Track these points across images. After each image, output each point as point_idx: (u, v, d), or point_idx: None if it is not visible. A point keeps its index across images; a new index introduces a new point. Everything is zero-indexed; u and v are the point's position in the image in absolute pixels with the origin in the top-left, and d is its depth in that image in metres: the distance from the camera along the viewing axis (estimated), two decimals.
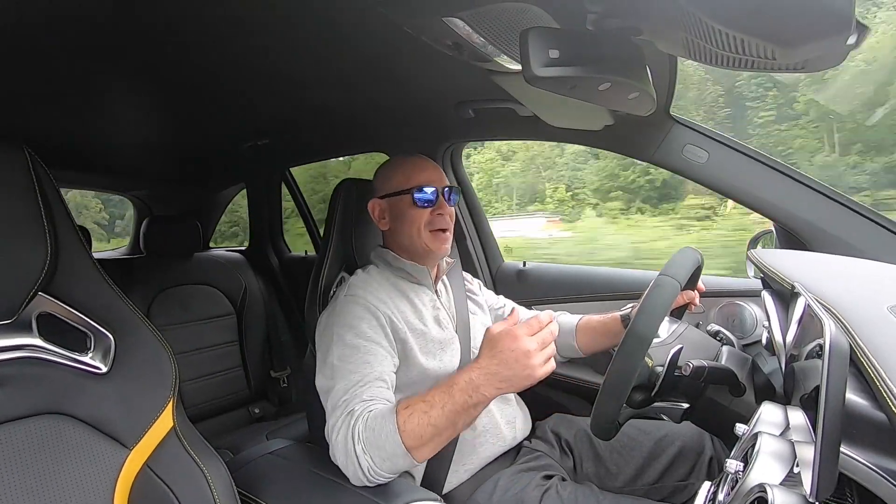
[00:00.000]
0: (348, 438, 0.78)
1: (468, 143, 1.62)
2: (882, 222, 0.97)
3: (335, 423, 0.82)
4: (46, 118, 1.27)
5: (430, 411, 0.77)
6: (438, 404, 0.77)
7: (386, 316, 0.93)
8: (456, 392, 0.77)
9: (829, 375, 0.44)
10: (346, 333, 0.89)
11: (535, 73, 0.56)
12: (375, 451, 0.77)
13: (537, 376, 0.74)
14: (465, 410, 0.76)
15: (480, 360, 0.77)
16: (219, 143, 1.74)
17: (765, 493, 0.46)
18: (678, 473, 1.01)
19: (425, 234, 1.00)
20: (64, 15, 0.74)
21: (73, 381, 0.65)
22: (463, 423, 0.78)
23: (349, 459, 0.78)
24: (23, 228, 0.63)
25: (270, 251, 2.34)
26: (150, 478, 0.67)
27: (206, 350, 1.89)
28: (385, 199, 1.03)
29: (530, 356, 0.73)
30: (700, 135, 1.10)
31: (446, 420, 0.76)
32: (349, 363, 0.86)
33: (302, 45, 0.89)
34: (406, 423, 0.77)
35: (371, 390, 0.83)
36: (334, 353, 0.88)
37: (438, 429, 0.77)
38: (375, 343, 0.90)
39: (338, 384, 0.85)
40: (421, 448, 0.77)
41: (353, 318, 0.91)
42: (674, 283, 0.78)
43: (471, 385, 0.76)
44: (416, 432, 0.76)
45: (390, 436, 0.76)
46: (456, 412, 0.76)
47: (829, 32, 0.47)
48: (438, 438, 0.78)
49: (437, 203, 1.01)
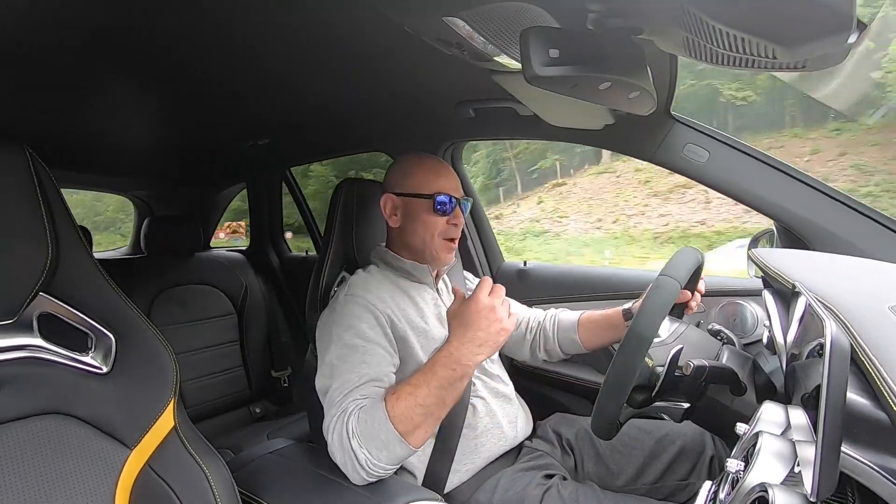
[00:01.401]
0: (343, 435, 0.79)
1: (469, 142, 1.62)
2: (884, 221, 0.96)
3: (330, 422, 0.82)
4: (47, 118, 1.27)
5: (416, 392, 0.78)
6: (423, 384, 0.79)
7: (386, 315, 0.93)
8: (438, 368, 0.79)
9: (830, 375, 0.44)
10: (345, 333, 0.89)
11: (535, 72, 0.56)
12: (370, 441, 0.77)
13: (509, 328, 0.80)
14: (450, 385, 0.79)
15: (452, 334, 0.81)
16: (219, 143, 1.74)
17: (766, 492, 0.46)
18: (679, 473, 1.01)
19: (437, 241, 1.01)
20: (64, 15, 0.74)
21: (74, 381, 0.65)
22: (451, 399, 0.80)
23: (346, 456, 0.78)
24: (23, 228, 0.63)
25: (271, 251, 2.34)
26: (152, 477, 0.67)
27: (206, 350, 1.90)
28: (400, 197, 1.02)
29: (495, 310, 0.79)
30: (701, 134, 1.10)
31: (434, 398, 0.78)
32: (347, 363, 0.86)
33: (302, 44, 0.89)
34: (395, 407, 0.78)
35: (365, 390, 0.83)
36: (333, 352, 0.88)
37: (428, 408, 0.78)
38: (374, 343, 0.90)
39: (334, 384, 0.85)
40: (414, 431, 0.78)
41: (353, 318, 0.91)
42: (674, 284, 0.78)
43: (451, 358, 0.79)
44: (406, 415, 0.77)
45: (382, 423, 0.77)
46: (442, 387, 0.78)
47: (830, 31, 0.47)
48: (430, 419, 0.79)
49: (452, 213, 1.01)
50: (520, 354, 1.25)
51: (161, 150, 1.80)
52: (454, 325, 0.81)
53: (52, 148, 1.53)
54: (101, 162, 1.88)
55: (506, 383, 1.11)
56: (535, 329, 1.21)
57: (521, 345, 1.23)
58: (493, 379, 1.08)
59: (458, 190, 1.03)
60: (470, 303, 0.80)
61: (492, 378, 1.08)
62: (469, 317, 0.79)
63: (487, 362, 1.10)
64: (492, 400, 1.05)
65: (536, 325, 1.22)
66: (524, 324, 1.23)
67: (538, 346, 1.21)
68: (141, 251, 1.95)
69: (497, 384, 1.08)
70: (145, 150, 1.78)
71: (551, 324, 1.20)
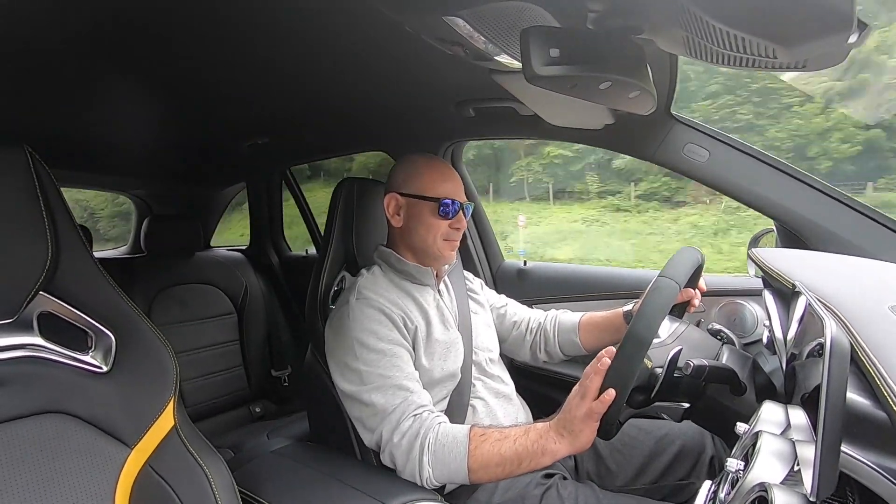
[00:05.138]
0: (415, 445, 0.84)
1: (469, 141, 1.62)
2: (884, 221, 0.96)
3: (395, 428, 0.86)
4: (47, 117, 1.27)
5: (504, 442, 0.82)
6: (512, 437, 0.82)
7: (399, 316, 0.95)
8: (532, 431, 0.82)
9: (830, 374, 0.44)
10: (368, 338, 0.91)
11: (535, 71, 0.56)
12: (440, 465, 0.82)
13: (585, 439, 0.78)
14: (533, 454, 0.80)
15: (563, 416, 0.81)
16: (219, 142, 1.74)
17: (765, 492, 0.46)
18: (679, 472, 1.01)
19: (440, 243, 1.02)
20: (64, 13, 0.74)
21: (74, 380, 0.65)
22: (526, 467, 0.81)
23: (410, 463, 0.84)
24: (23, 227, 0.63)
25: (271, 250, 2.34)
26: (152, 477, 0.67)
27: (206, 349, 1.90)
28: (405, 198, 1.03)
29: (594, 418, 0.76)
30: (701, 134, 1.10)
31: (514, 454, 0.81)
32: (379, 367, 0.89)
33: (302, 43, 0.89)
34: (477, 448, 0.82)
35: (420, 396, 0.89)
36: (360, 358, 0.90)
37: (504, 460, 0.81)
38: (397, 345, 0.92)
39: (374, 390, 0.88)
40: (480, 472, 0.82)
41: (371, 322, 0.93)
42: (672, 285, 0.78)
43: (545, 429, 0.81)
44: (484, 458, 0.81)
45: (459, 457, 0.82)
46: (526, 450, 0.80)
47: (831, 31, 0.47)
48: (499, 469, 0.82)
49: (456, 217, 1.02)
50: (520, 355, 1.25)
51: (161, 149, 1.80)
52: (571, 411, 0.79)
53: (52, 147, 1.52)
54: (101, 161, 1.88)
55: (506, 383, 1.11)
56: (535, 330, 1.22)
57: (521, 346, 1.23)
58: (494, 379, 1.08)
59: (462, 194, 1.04)
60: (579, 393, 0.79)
61: (492, 378, 1.08)
62: (570, 403, 0.80)
63: (488, 363, 1.10)
64: (492, 400, 1.05)
65: (537, 327, 1.22)
66: (524, 325, 1.23)
67: (538, 348, 1.21)
68: (141, 250, 1.94)
69: (497, 384, 1.08)
70: (145, 150, 1.78)
71: (552, 325, 1.20)
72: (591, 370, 0.78)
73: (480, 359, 1.08)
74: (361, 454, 1.00)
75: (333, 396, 0.99)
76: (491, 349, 1.14)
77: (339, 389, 0.94)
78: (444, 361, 0.98)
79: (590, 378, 0.77)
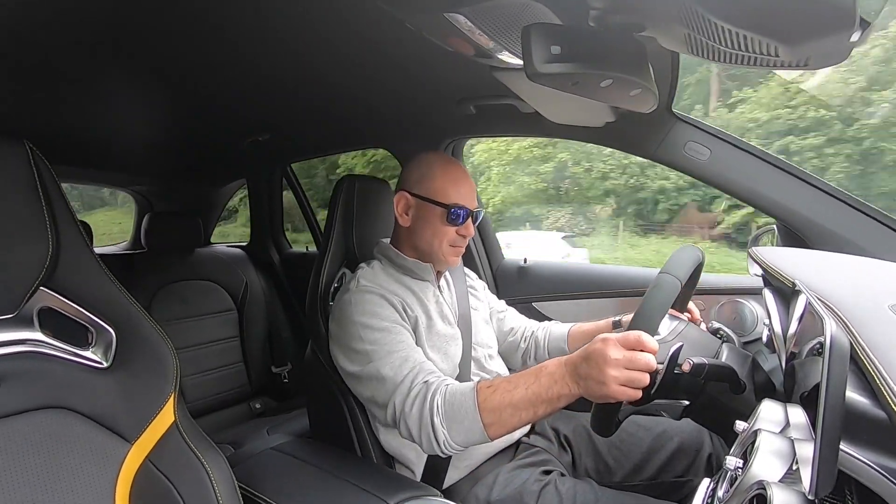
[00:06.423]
0: (424, 410, 0.81)
1: (470, 139, 1.62)
2: (884, 220, 0.96)
3: (406, 396, 0.84)
4: (48, 114, 1.26)
5: (514, 391, 0.78)
6: (522, 385, 0.78)
7: (399, 302, 0.96)
8: (542, 375, 0.77)
9: (830, 373, 0.44)
10: (371, 320, 0.91)
11: (536, 69, 0.56)
12: (454, 424, 0.80)
13: (610, 389, 0.69)
14: (547, 398, 0.75)
15: (577, 354, 0.75)
16: (220, 139, 1.74)
17: (764, 490, 0.46)
18: (676, 469, 1.02)
19: (445, 248, 1.02)
20: (65, 11, 0.74)
21: (74, 375, 0.65)
22: (543, 412, 0.77)
23: (424, 430, 0.81)
24: (24, 223, 0.63)
25: (271, 247, 2.34)
26: (152, 472, 0.67)
27: (207, 345, 1.90)
28: (416, 198, 1.02)
29: (608, 363, 0.69)
30: (702, 132, 1.10)
31: (527, 402, 0.77)
32: (385, 345, 0.89)
33: (303, 40, 0.89)
34: (487, 400, 0.79)
35: (428, 364, 0.88)
36: (364, 339, 0.90)
37: (518, 409, 0.77)
38: (399, 325, 0.93)
39: (383, 363, 0.87)
40: (495, 425, 0.79)
41: (373, 306, 0.93)
42: (674, 282, 0.78)
43: (557, 372, 0.76)
44: (496, 409, 0.78)
45: (470, 411, 0.79)
46: (538, 395, 0.76)
47: (833, 29, 0.46)
48: (514, 419, 0.78)
49: (464, 224, 1.02)
50: (511, 362, 1.26)
51: (162, 145, 1.80)
52: (587, 349, 0.74)
53: (53, 143, 1.52)
54: (101, 157, 1.88)
55: None
56: (528, 339, 1.23)
57: (514, 353, 1.25)
58: (492, 375, 1.09)
59: (473, 199, 1.04)
60: (602, 340, 0.72)
61: (490, 374, 1.09)
62: (591, 350, 0.72)
63: (486, 359, 1.10)
64: None
65: (530, 335, 1.24)
66: (519, 333, 1.24)
67: (529, 355, 1.23)
68: (141, 247, 1.95)
69: None
70: (146, 146, 1.78)
71: (543, 335, 1.22)
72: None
73: (479, 355, 1.09)
74: (361, 450, 1.00)
75: (334, 393, 1.00)
76: (490, 346, 1.14)
77: (346, 374, 0.94)
78: (444, 353, 0.99)
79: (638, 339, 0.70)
